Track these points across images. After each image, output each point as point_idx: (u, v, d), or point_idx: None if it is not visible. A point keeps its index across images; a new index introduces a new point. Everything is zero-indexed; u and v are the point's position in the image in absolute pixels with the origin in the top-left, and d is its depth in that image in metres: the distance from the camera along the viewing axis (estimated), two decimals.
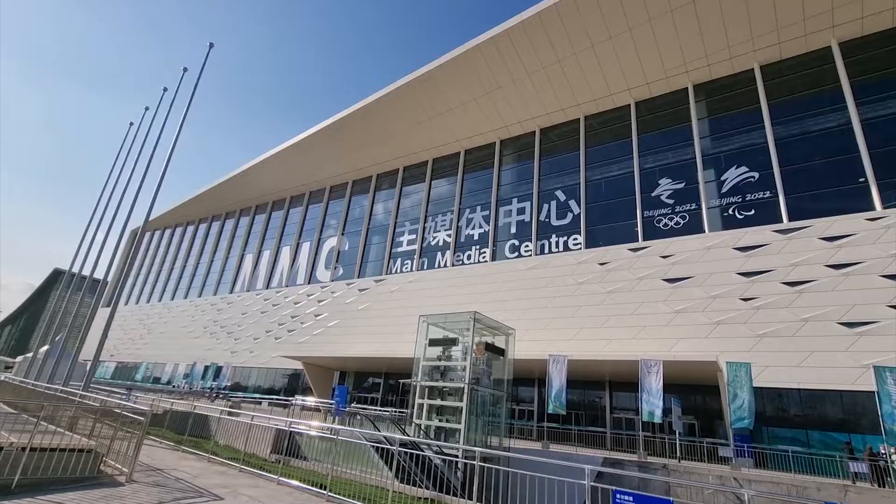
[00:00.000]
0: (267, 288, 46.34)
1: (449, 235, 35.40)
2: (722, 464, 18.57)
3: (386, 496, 7.71)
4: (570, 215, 30.01)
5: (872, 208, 20.73)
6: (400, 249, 38.01)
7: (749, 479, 14.96)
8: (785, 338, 20.45)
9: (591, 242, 28.38)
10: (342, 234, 43.30)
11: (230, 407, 25.26)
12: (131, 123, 26.43)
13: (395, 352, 29.38)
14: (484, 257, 32.71)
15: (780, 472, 17.32)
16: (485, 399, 18.14)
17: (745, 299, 21.92)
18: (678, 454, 19.60)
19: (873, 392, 16.42)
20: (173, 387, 43.19)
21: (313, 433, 12.64)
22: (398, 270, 37.05)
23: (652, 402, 19.00)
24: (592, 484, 6.38)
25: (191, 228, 62.63)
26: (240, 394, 40.30)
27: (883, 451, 16.06)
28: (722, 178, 25.30)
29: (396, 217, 39.96)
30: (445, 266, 34.41)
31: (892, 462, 15.22)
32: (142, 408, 9.31)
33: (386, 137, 39.58)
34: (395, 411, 27.37)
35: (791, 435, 19.62)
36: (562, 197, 30.94)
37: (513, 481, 7.90)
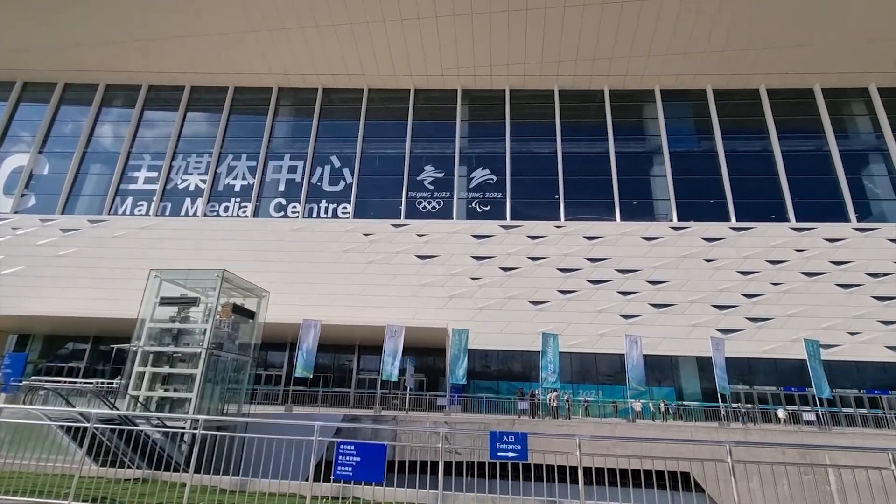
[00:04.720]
0: None
1: (203, 181, 30.72)
2: (439, 411, 22.53)
3: (70, 484, 6.40)
4: (342, 183, 30.25)
5: (559, 219, 28.26)
6: (134, 187, 30.89)
7: (456, 421, 18.66)
8: (495, 311, 26.18)
9: (359, 213, 29.40)
10: (40, 153, 32.14)
11: None
12: None
13: (116, 311, 23.90)
14: (245, 212, 29.82)
15: (478, 413, 22.28)
16: (226, 365, 16.90)
17: (474, 278, 26.89)
18: (407, 407, 22.77)
19: (539, 352, 22.70)
20: None
21: None
22: (129, 212, 30.10)
23: (392, 363, 21.38)
24: (321, 439, 6.86)
25: None
26: None
27: (537, 393, 22.56)
28: (471, 175, 30.04)
29: (132, 145, 32.14)
30: (196, 216, 29.84)
31: (548, 400, 21.53)
32: None
33: (129, 39, 30.88)
34: (105, 383, 22.65)
35: (489, 385, 25.48)
36: (337, 163, 30.85)
37: (248, 447, 7.77)
